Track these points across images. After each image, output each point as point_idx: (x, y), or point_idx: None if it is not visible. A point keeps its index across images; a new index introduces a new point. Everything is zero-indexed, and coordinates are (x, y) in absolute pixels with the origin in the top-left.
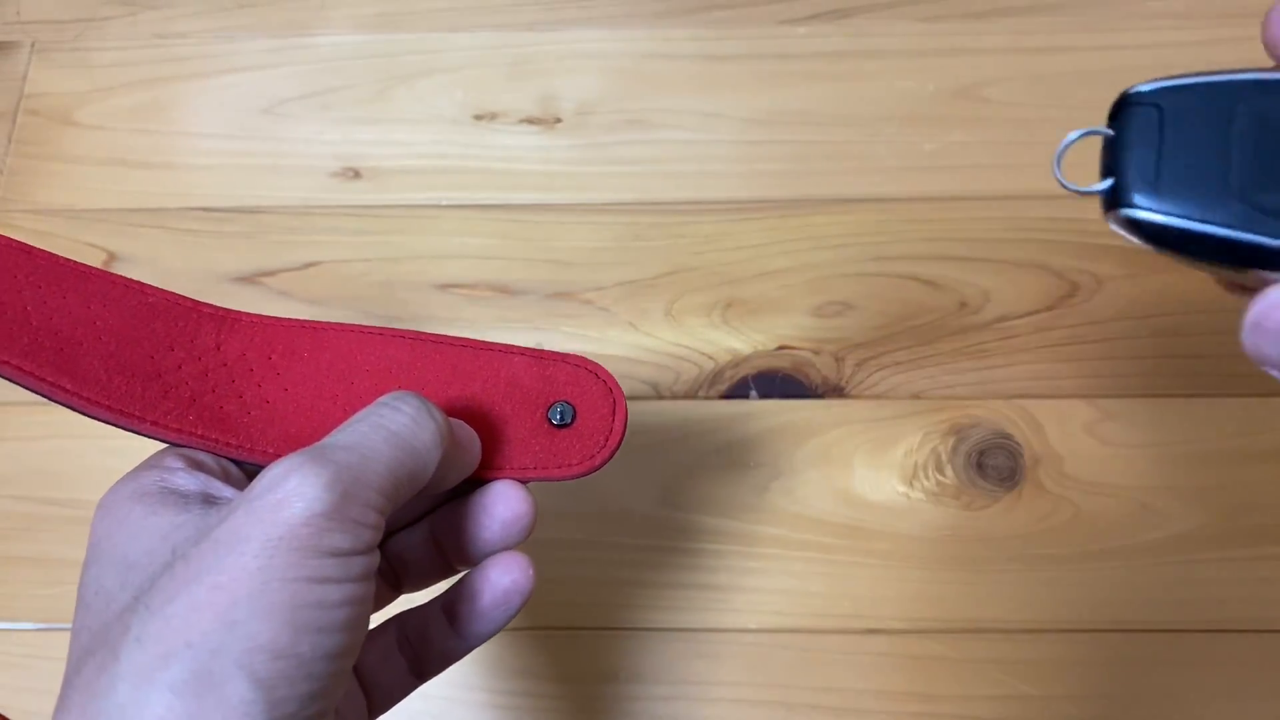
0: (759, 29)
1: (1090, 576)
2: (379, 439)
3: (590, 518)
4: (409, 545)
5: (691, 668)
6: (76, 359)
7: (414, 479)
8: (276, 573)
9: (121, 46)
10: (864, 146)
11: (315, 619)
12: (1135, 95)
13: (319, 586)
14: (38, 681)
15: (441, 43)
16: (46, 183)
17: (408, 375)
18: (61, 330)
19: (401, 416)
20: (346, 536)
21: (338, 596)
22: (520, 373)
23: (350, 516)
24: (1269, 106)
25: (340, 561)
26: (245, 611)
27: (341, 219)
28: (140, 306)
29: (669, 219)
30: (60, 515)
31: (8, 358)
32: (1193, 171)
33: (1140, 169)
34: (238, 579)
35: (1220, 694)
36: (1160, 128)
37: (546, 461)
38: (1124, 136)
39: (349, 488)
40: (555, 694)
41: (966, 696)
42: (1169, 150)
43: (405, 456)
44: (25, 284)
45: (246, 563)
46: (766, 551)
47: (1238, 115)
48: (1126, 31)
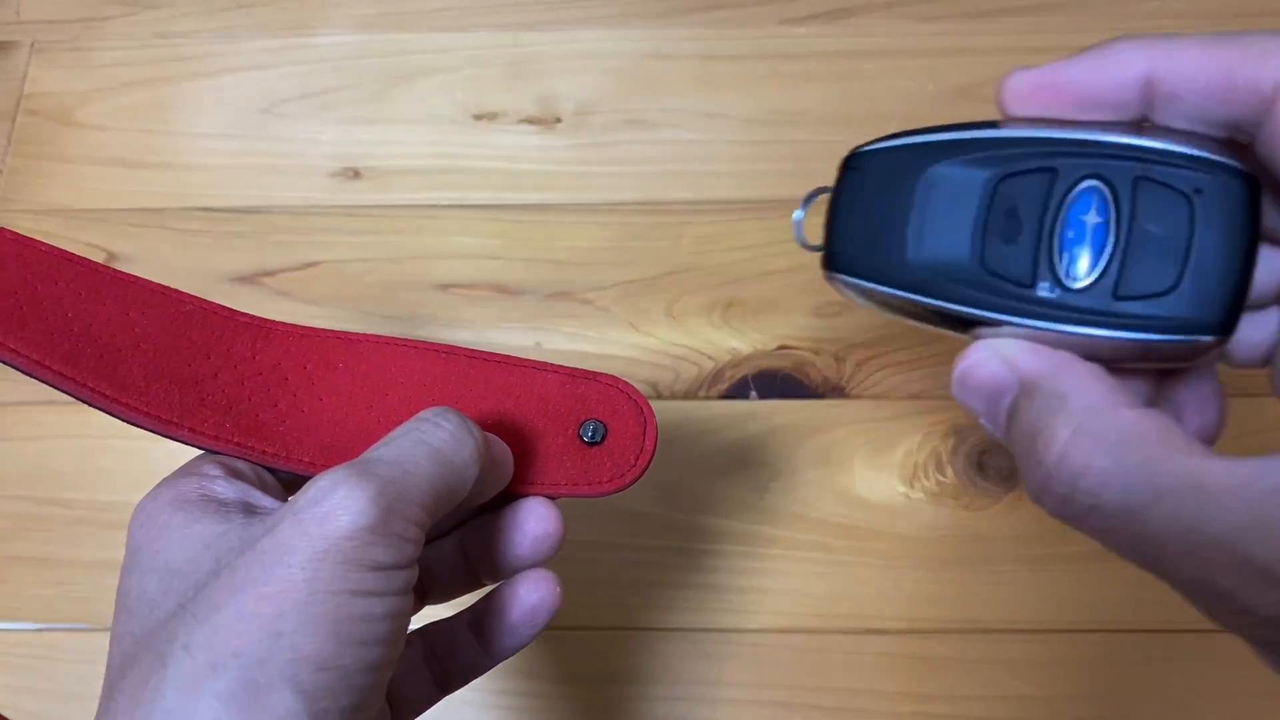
0: (759, 29)
1: (1090, 576)
2: (421, 454)
3: (591, 518)
4: (438, 557)
5: (692, 668)
6: (116, 365)
7: (453, 494)
8: (322, 585)
9: (121, 46)
10: None
11: (358, 632)
12: (850, 157)
13: (362, 600)
14: (37, 682)
15: (441, 42)
16: (46, 183)
17: (443, 389)
18: (101, 337)
19: (442, 433)
20: (390, 550)
21: (380, 610)
22: (553, 390)
23: (394, 531)
24: (956, 165)
25: (383, 575)
26: (291, 623)
27: (341, 219)
28: (177, 314)
29: (669, 219)
30: (60, 515)
31: (49, 363)
32: (885, 235)
33: (844, 232)
34: (284, 590)
35: (1219, 694)
36: (865, 190)
37: (578, 478)
38: (836, 199)
39: (393, 502)
40: (555, 694)
41: (966, 697)
42: (870, 213)
43: (446, 472)
44: (65, 291)
45: (293, 574)
46: (766, 552)
47: (929, 174)
48: (1126, 31)
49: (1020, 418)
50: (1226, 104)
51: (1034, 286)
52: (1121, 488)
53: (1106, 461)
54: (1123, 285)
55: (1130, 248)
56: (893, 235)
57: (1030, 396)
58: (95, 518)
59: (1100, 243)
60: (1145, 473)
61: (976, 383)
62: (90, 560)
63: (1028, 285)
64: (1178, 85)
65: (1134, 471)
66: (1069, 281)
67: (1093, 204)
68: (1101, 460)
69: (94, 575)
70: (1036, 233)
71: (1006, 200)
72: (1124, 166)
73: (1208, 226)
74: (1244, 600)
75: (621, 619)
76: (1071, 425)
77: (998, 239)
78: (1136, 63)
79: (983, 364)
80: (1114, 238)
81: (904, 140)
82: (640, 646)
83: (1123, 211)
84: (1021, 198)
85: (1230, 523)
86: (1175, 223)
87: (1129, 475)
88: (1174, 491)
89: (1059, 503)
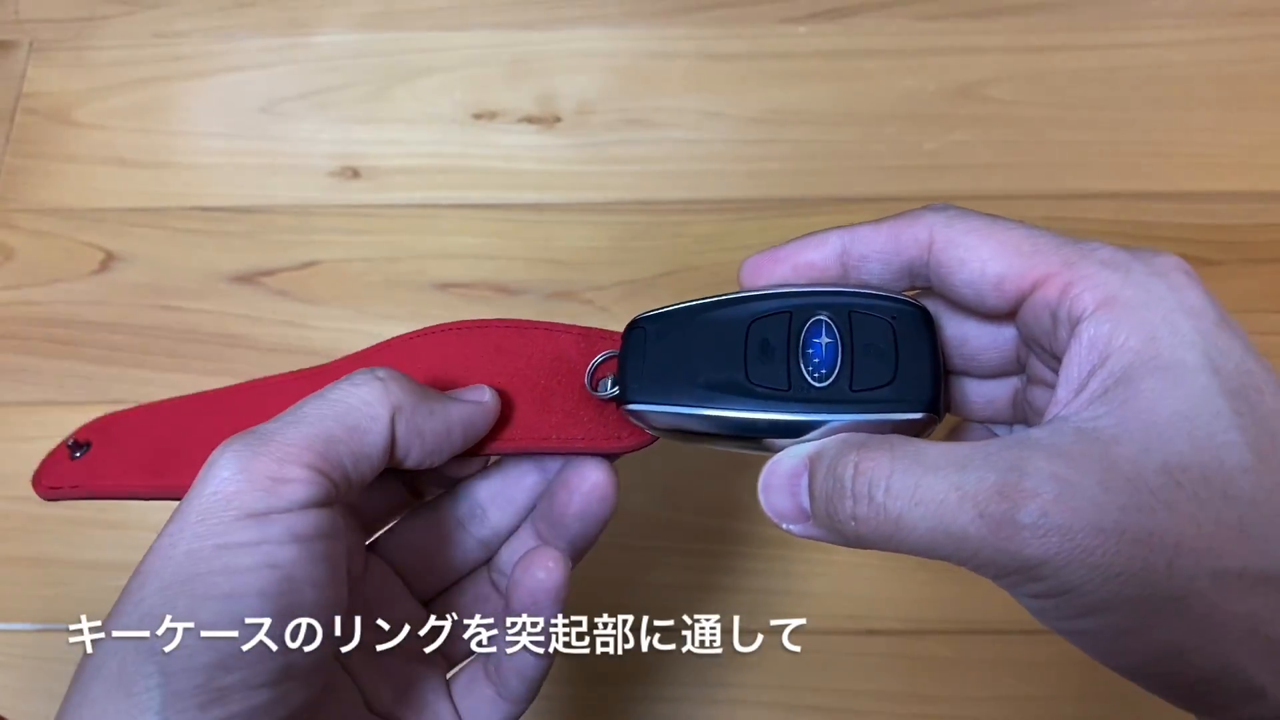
0: (759, 28)
1: None
2: (310, 406)
3: None
4: (517, 550)
5: (691, 668)
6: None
7: (354, 435)
8: (184, 544)
9: (120, 45)
10: (864, 146)
11: (219, 585)
12: (632, 323)
13: (228, 552)
14: (37, 682)
15: (440, 42)
16: (45, 182)
17: (453, 359)
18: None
19: (342, 385)
20: (262, 497)
21: (248, 560)
22: (566, 347)
23: (265, 474)
24: (716, 318)
25: (255, 522)
26: (150, 589)
27: (340, 218)
28: (212, 405)
29: (669, 218)
30: (60, 516)
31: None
32: (671, 371)
33: (635, 374)
34: (148, 562)
35: None
36: (648, 344)
37: (596, 434)
38: (624, 352)
39: (264, 449)
40: (555, 694)
41: (966, 697)
42: (655, 359)
43: (336, 414)
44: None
45: (162, 542)
46: (766, 552)
47: (697, 327)
48: (1126, 30)
49: (816, 478)
50: (899, 254)
51: (790, 389)
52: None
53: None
54: (856, 381)
55: (856, 356)
56: (677, 369)
57: (819, 459)
58: (95, 518)
59: (833, 355)
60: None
61: (777, 481)
62: (90, 560)
63: (785, 389)
64: (865, 250)
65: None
66: (816, 383)
67: (823, 330)
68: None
69: (94, 575)
70: (786, 354)
71: (759, 335)
72: (840, 304)
73: (906, 340)
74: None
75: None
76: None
77: (758, 361)
78: (832, 241)
79: (774, 469)
80: (842, 352)
81: (674, 307)
82: (640, 646)
83: (845, 334)
84: (771, 332)
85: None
86: (884, 339)
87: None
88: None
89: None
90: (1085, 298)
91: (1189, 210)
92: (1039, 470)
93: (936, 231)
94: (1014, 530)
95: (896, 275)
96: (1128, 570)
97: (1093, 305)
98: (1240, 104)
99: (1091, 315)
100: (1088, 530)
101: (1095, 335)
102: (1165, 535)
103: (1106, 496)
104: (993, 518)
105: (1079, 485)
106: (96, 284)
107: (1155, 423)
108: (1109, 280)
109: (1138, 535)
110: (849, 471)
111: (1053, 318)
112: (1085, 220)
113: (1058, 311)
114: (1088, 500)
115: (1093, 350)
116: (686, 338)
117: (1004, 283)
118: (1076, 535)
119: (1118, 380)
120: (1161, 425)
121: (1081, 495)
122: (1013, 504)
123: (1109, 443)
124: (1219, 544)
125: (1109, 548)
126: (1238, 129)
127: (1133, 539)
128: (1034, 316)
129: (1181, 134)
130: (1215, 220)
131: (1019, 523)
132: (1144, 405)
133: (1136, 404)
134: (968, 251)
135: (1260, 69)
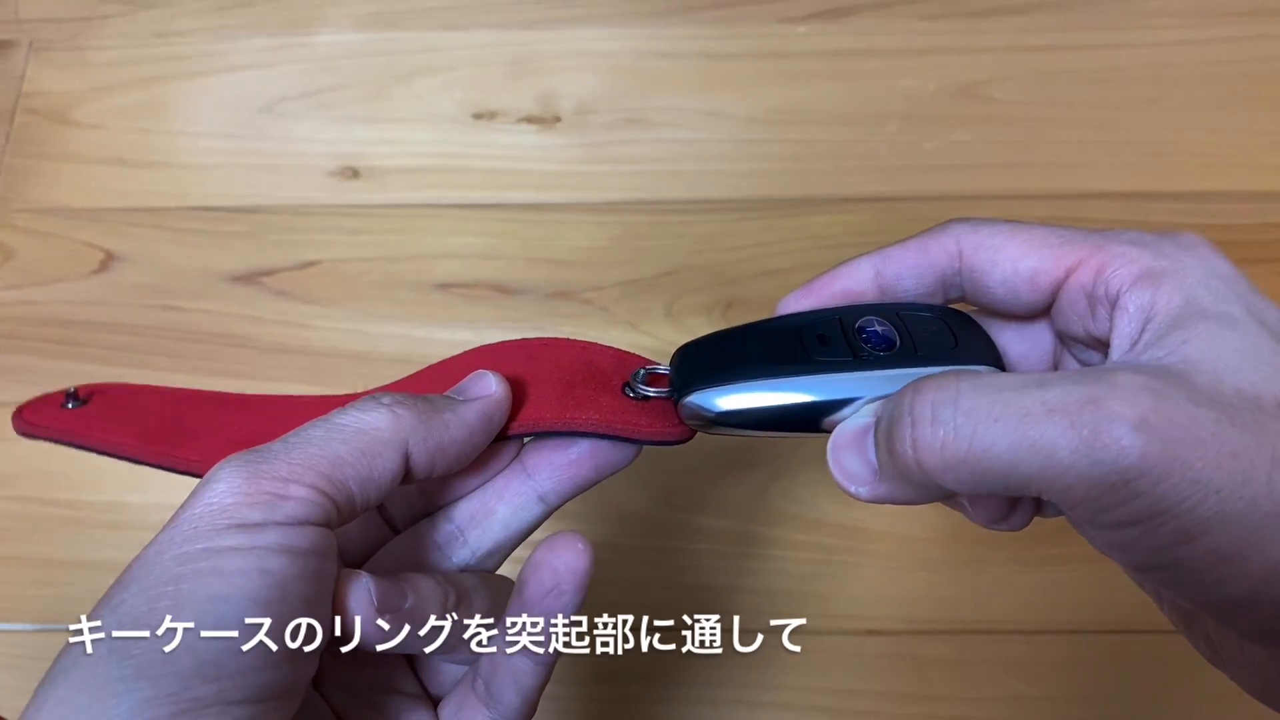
0: (759, 27)
1: (1091, 577)
2: (317, 429)
3: (591, 518)
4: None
5: (691, 668)
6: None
7: (363, 459)
8: (170, 549)
9: (120, 45)
10: (865, 145)
11: (204, 588)
12: (681, 347)
13: (216, 555)
14: (36, 683)
15: (440, 41)
16: (44, 182)
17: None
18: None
19: (349, 411)
20: (259, 509)
21: (240, 564)
22: (597, 358)
23: (264, 490)
24: (766, 329)
25: (247, 531)
26: (131, 590)
27: (340, 218)
28: (231, 404)
29: (669, 218)
30: (60, 516)
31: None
32: (726, 365)
33: (689, 372)
34: (133, 567)
35: (1220, 694)
36: (700, 357)
37: (637, 422)
38: (678, 360)
39: (266, 468)
40: (555, 694)
41: (967, 697)
42: (707, 360)
43: (344, 438)
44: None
45: (148, 549)
46: (767, 552)
47: (749, 338)
48: (1127, 30)
49: (881, 425)
50: (931, 267)
51: (855, 359)
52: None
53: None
54: (920, 350)
55: (914, 336)
56: (735, 364)
57: (885, 406)
58: (95, 518)
59: (891, 335)
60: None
61: (845, 439)
62: (90, 560)
63: (851, 359)
64: (898, 269)
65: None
66: (880, 353)
67: (875, 322)
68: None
69: (94, 575)
70: (844, 338)
71: (813, 334)
72: (886, 310)
73: (958, 326)
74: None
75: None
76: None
77: (816, 347)
78: (864, 266)
79: (843, 428)
80: (900, 333)
81: (720, 330)
82: (640, 646)
83: (898, 324)
84: (826, 329)
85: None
86: (936, 327)
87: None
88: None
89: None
90: (1121, 273)
91: (1189, 210)
92: (1130, 382)
93: (964, 240)
94: (1112, 440)
95: (931, 289)
96: (1228, 486)
97: (1130, 280)
98: (1240, 104)
99: (1130, 288)
100: (1187, 441)
101: (1139, 303)
102: (1261, 447)
103: (1199, 410)
104: (1087, 426)
105: (1171, 397)
106: (96, 284)
107: (1219, 356)
108: (1141, 256)
109: (1236, 449)
110: (908, 395)
111: (1089, 300)
112: (1085, 220)
113: (1094, 292)
114: (1182, 411)
115: (1140, 314)
116: (739, 345)
117: (1037, 276)
118: (1176, 445)
119: (1169, 328)
120: (1227, 357)
121: (1176, 406)
122: (1108, 412)
123: (1182, 373)
124: None
125: (1209, 459)
126: (1238, 129)
127: (1231, 452)
128: (1070, 304)
129: (1181, 134)
130: (1215, 220)
131: (1115, 431)
132: (1203, 344)
133: (1196, 344)
134: (998, 252)
135: (1260, 69)
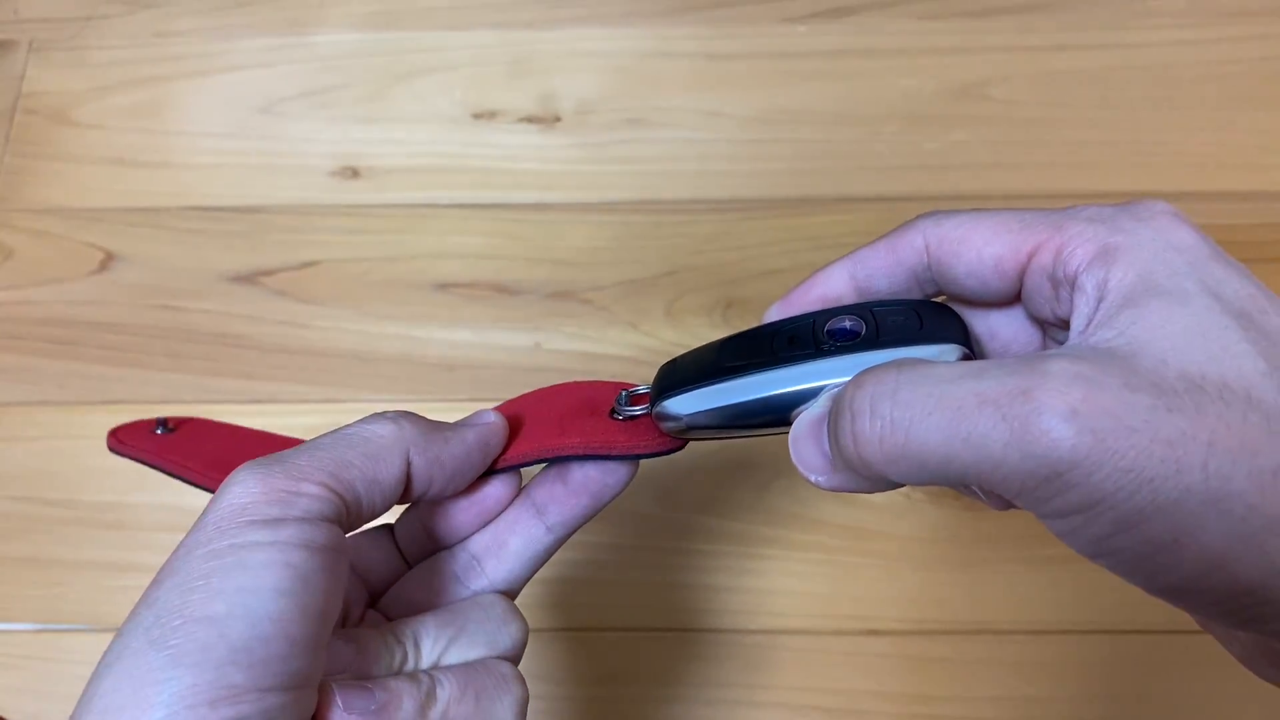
0: (759, 27)
1: (1091, 577)
2: (326, 438)
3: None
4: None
5: (692, 668)
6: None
7: (368, 461)
8: (199, 548)
9: (119, 45)
10: (865, 145)
11: (231, 579)
12: (664, 364)
13: (242, 550)
14: (36, 683)
15: (440, 41)
16: (44, 182)
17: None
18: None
19: (356, 423)
20: (277, 506)
21: (264, 557)
22: (597, 393)
23: (280, 488)
24: (742, 337)
25: (267, 526)
26: (165, 587)
27: (340, 218)
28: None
29: (669, 218)
30: (59, 515)
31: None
32: (697, 370)
33: (663, 382)
34: (165, 566)
35: (1220, 695)
36: (678, 368)
37: (614, 438)
38: (656, 376)
39: (281, 469)
40: (555, 694)
41: (967, 697)
42: (681, 371)
43: (350, 443)
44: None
45: (177, 551)
46: (767, 552)
47: (724, 346)
48: (1127, 30)
49: (831, 418)
50: (900, 264)
51: (817, 351)
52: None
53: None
54: (884, 335)
55: (880, 325)
56: (705, 368)
57: (833, 400)
58: (95, 518)
59: (858, 327)
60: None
61: (803, 429)
62: (90, 560)
63: (813, 351)
64: (869, 269)
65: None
66: (842, 344)
67: (846, 319)
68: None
69: (93, 575)
70: (813, 336)
71: (785, 334)
72: (862, 307)
73: (929, 312)
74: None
75: (622, 619)
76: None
77: (785, 347)
78: (837, 271)
79: (803, 418)
80: (867, 326)
81: (703, 344)
82: (640, 647)
83: (869, 319)
84: (798, 332)
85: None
86: (907, 313)
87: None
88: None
89: (884, 443)
90: (1078, 254)
91: (1189, 210)
92: (1063, 371)
93: (929, 234)
94: (1041, 432)
95: (905, 287)
96: (1162, 474)
97: (1085, 259)
98: (1240, 104)
99: (1087, 267)
100: (1119, 430)
101: (1095, 281)
102: (1197, 434)
103: (1134, 397)
104: (1018, 419)
105: (1105, 384)
106: (96, 284)
107: (1166, 336)
108: (1097, 233)
109: (1170, 436)
110: (850, 389)
111: (1052, 282)
112: None
113: (1055, 274)
114: (1115, 400)
115: (1095, 293)
116: (713, 355)
117: (1001, 262)
118: (1107, 436)
119: (1120, 307)
120: (1174, 338)
121: (1109, 394)
122: (1038, 404)
123: (1125, 357)
124: (1251, 442)
125: (1141, 448)
126: (1238, 129)
127: (1165, 439)
128: (1035, 287)
129: (1181, 134)
130: (1215, 220)
131: (1045, 423)
132: (1152, 323)
133: (1144, 323)
134: (961, 244)
135: (1260, 69)
